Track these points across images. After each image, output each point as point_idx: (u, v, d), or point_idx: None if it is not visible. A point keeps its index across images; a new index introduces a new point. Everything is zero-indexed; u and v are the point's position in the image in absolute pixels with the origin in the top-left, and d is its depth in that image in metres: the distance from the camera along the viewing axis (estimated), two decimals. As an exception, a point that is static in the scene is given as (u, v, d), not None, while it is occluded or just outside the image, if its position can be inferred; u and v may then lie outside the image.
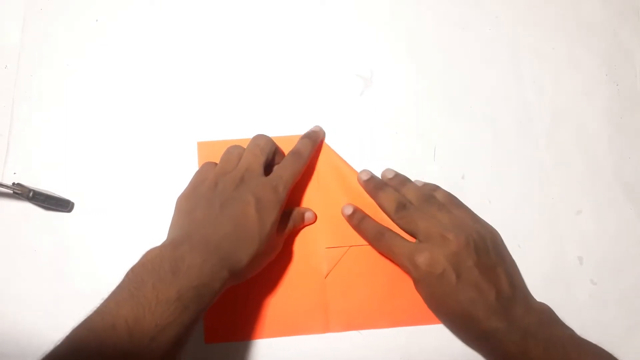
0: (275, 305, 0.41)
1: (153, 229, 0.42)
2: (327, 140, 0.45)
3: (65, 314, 0.41)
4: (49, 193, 0.42)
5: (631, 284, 0.43)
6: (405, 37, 0.48)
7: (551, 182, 0.45)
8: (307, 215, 0.43)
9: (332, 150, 0.45)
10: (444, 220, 0.40)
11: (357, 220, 0.42)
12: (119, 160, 0.44)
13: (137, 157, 0.44)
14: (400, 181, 0.44)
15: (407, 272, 0.39)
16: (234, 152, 0.42)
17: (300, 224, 0.43)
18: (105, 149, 0.45)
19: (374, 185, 0.43)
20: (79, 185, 0.44)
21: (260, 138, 0.42)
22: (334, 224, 0.43)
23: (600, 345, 0.36)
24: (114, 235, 0.43)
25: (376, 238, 0.41)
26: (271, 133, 0.43)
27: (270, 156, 0.42)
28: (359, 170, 0.44)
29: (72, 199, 0.43)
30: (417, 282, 0.39)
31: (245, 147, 0.42)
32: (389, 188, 0.42)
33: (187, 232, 0.36)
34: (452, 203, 0.43)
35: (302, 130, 0.45)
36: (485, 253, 0.39)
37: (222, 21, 0.48)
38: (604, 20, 0.50)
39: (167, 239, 0.37)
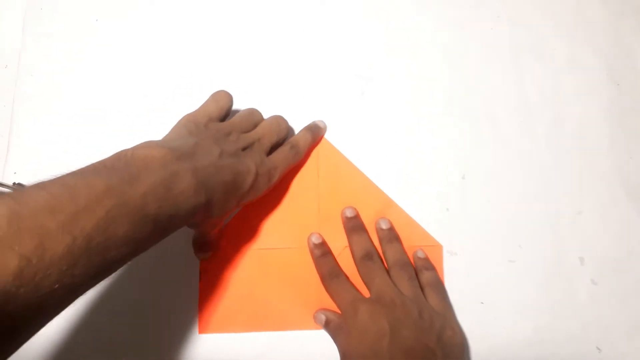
0: (272, 299, 0.41)
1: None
2: (327, 139, 0.45)
3: (64, 315, 0.41)
4: (48, 193, 0.42)
5: (632, 284, 0.43)
6: (406, 37, 0.48)
7: (552, 182, 0.45)
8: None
9: (335, 148, 0.45)
10: (406, 290, 0.38)
11: (322, 252, 0.41)
12: (119, 160, 0.44)
13: (137, 157, 0.44)
14: (390, 237, 0.42)
15: (344, 317, 0.38)
16: (254, 116, 0.41)
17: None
18: (105, 148, 0.44)
19: (352, 225, 0.41)
20: (79, 185, 0.44)
21: (280, 118, 0.42)
22: (332, 222, 0.43)
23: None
24: (114, 235, 0.43)
25: (330, 276, 0.40)
26: (271, 133, 0.44)
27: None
28: (359, 169, 0.44)
29: (72, 199, 0.43)
30: (349, 330, 0.37)
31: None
32: (365, 234, 0.41)
33: (193, 152, 0.33)
34: (430, 285, 0.40)
35: (302, 130, 0.45)
36: (430, 337, 0.36)
37: (223, 22, 0.48)
38: (605, 19, 0.49)
39: (171, 141, 0.34)
